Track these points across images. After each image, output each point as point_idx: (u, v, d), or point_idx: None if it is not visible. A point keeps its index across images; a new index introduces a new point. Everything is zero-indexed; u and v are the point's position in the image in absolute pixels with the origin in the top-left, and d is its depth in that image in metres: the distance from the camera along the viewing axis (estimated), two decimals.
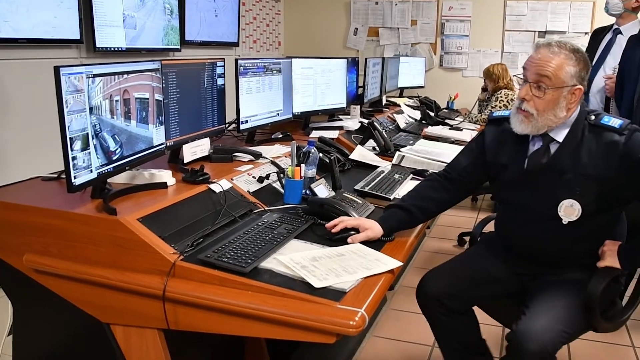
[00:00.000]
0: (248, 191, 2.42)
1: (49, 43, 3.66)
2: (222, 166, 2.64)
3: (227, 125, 3.10)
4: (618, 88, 3.35)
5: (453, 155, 2.52)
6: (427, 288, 2.28)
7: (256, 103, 3.18)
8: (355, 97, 4.83)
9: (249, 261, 1.80)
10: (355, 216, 2.23)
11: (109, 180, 2.11)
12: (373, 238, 2.12)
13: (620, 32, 4.13)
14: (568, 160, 2.08)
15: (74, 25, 3.79)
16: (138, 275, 1.83)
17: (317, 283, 1.70)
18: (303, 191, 2.48)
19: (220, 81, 2.86)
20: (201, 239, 1.96)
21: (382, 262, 1.91)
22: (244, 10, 6.40)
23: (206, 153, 2.72)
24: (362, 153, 3.38)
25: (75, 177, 1.81)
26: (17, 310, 2.20)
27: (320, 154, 2.78)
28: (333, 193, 2.58)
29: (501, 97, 5.51)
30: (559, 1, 6.52)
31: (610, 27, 4.27)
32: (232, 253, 1.84)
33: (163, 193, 2.18)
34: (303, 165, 2.53)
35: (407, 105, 5.60)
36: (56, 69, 1.70)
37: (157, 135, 2.30)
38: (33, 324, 2.18)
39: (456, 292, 2.25)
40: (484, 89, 5.93)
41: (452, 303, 2.24)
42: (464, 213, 5.67)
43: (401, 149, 3.62)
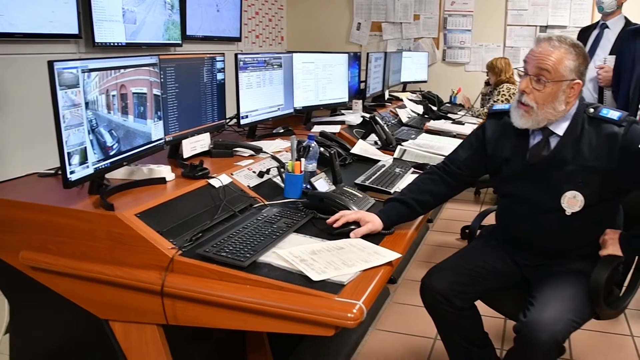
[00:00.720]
0: (248, 186, 2.41)
1: (47, 38, 3.64)
2: (223, 161, 2.63)
3: (228, 120, 3.09)
4: (614, 80, 3.41)
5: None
6: (432, 284, 2.26)
7: (256, 98, 3.16)
8: (357, 92, 4.82)
9: (248, 255, 1.80)
10: (355, 210, 2.22)
11: (107, 176, 2.10)
12: (374, 231, 2.13)
13: (607, 27, 4.35)
14: (569, 152, 2.11)
15: (72, 19, 3.76)
16: (136, 270, 1.82)
17: (316, 276, 1.69)
18: (303, 185, 2.48)
19: (220, 76, 2.85)
20: (200, 234, 1.95)
21: (381, 255, 1.90)
22: (246, 5, 6.37)
23: (206, 148, 2.71)
24: (364, 147, 3.37)
25: (71, 173, 1.80)
26: (14, 308, 2.19)
27: (321, 148, 2.77)
28: (333, 187, 2.57)
29: (503, 92, 5.48)
30: None
31: (596, 24, 4.50)
32: (231, 247, 1.84)
33: (162, 188, 2.17)
34: (303, 159, 2.52)
35: (410, 99, 5.58)
36: (50, 64, 1.69)
37: (156, 130, 2.29)
38: (30, 322, 2.17)
39: (461, 288, 2.25)
40: (487, 83, 5.91)
41: (457, 299, 2.23)
42: (467, 207, 5.65)
43: (403, 143, 3.60)
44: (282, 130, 3.42)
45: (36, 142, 3.48)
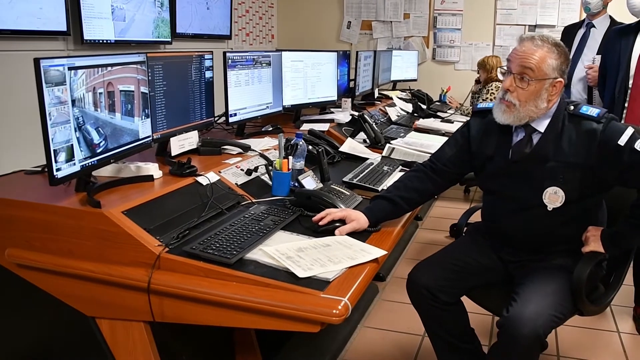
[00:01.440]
0: (236, 184, 2.42)
1: (35, 35, 3.63)
2: (211, 159, 2.64)
3: (216, 118, 3.10)
4: (600, 80, 3.44)
5: None
6: (417, 280, 2.28)
7: (245, 96, 3.17)
8: (346, 90, 4.83)
9: (234, 252, 1.80)
10: (342, 207, 2.23)
11: (95, 173, 2.10)
12: (359, 229, 2.14)
13: (593, 26, 4.40)
14: (550, 149, 2.14)
15: (61, 16, 3.75)
16: (123, 268, 1.82)
17: (302, 273, 1.70)
18: (291, 183, 2.48)
19: (208, 74, 2.85)
20: (187, 231, 1.95)
21: (367, 252, 1.91)
22: (237, 3, 6.36)
23: (194, 146, 2.72)
24: (352, 145, 3.38)
25: (57, 170, 1.80)
26: (0, 306, 2.18)
27: (309, 147, 2.77)
28: (321, 185, 2.58)
29: (492, 90, 5.50)
30: None
31: (582, 23, 4.55)
32: (218, 245, 1.84)
33: (149, 186, 2.18)
34: (291, 157, 2.52)
35: (400, 98, 5.60)
36: (36, 61, 1.69)
37: (143, 128, 2.29)
38: (16, 320, 2.16)
39: (446, 283, 2.26)
40: (478, 81, 5.93)
41: (443, 294, 2.25)
42: (456, 204, 5.67)
43: (391, 142, 3.61)
44: (271, 128, 3.43)
45: (23, 139, 3.46)
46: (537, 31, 6.48)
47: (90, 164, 1.97)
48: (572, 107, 2.16)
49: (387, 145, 3.49)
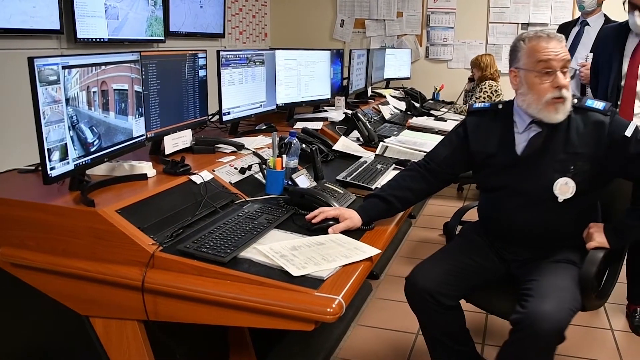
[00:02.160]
0: (230, 182, 2.42)
1: (28, 33, 3.62)
2: (204, 157, 2.64)
3: (210, 116, 3.10)
4: (593, 78, 3.45)
5: None
6: (418, 282, 2.23)
7: (239, 94, 3.17)
8: (340, 89, 4.84)
9: (228, 251, 1.80)
10: (335, 206, 2.24)
11: (88, 172, 2.10)
12: (353, 227, 2.15)
13: (587, 24, 4.43)
14: (560, 140, 2.18)
15: (54, 15, 3.74)
16: (117, 266, 1.82)
17: (296, 272, 1.71)
18: (285, 182, 2.48)
19: (202, 73, 2.85)
20: (181, 230, 1.96)
21: (361, 250, 1.92)
22: (230, 1, 6.36)
23: (188, 144, 2.71)
24: (346, 144, 3.39)
25: (51, 169, 1.80)
26: None
27: (302, 145, 2.78)
28: (314, 183, 2.59)
29: (485, 88, 5.51)
30: None
31: (576, 21, 4.58)
32: (212, 243, 1.84)
33: (143, 184, 2.18)
34: (284, 156, 2.53)
35: (393, 96, 5.60)
36: (30, 60, 1.69)
37: (137, 126, 2.29)
38: (10, 319, 2.15)
39: (448, 286, 2.23)
40: (471, 80, 5.94)
41: (444, 297, 2.21)
42: (450, 203, 5.68)
43: (385, 140, 3.62)
44: (265, 126, 3.43)
45: (16, 138, 3.46)
46: (530, 29, 6.49)
47: (84, 163, 1.97)
48: (576, 100, 2.20)
49: (381, 143, 3.50)
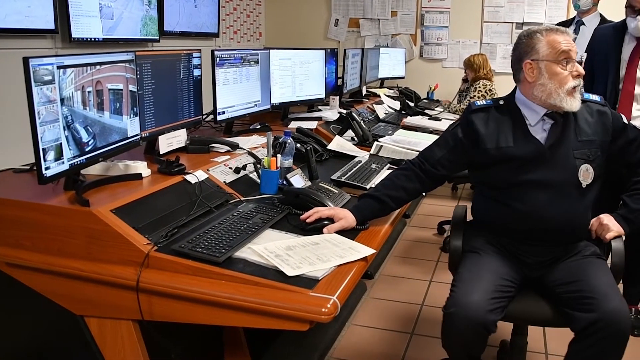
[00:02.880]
0: (224, 182, 2.42)
1: (22, 33, 3.62)
2: (199, 157, 2.64)
3: (204, 116, 3.10)
4: (588, 79, 3.44)
5: None
6: (470, 316, 2.02)
7: (233, 94, 3.17)
8: (334, 88, 4.85)
9: (223, 251, 1.81)
10: (330, 206, 2.24)
11: (83, 171, 2.10)
12: (347, 227, 2.15)
13: (583, 24, 4.46)
14: (572, 129, 2.27)
15: (49, 14, 3.74)
16: (112, 266, 1.82)
17: (291, 272, 1.71)
18: (279, 181, 2.49)
19: (196, 72, 2.85)
20: (176, 230, 1.96)
21: (356, 250, 1.92)
22: (224, 0, 6.36)
23: (183, 144, 2.72)
24: (340, 143, 3.39)
25: (46, 169, 1.80)
26: None
27: (297, 145, 2.78)
28: (309, 183, 2.59)
29: (479, 88, 5.52)
30: None
31: (572, 20, 4.60)
32: (206, 243, 1.85)
33: (138, 184, 2.18)
34: (279, 155, 2.53)
35: (387, 95, 5.61)
36: (25, 60, 1.69)
37: (132, 126, 2.29)
38: (4, 319, 2.15)
39: (494, 312, 2.08)
40: (465, 80, 5.95)
41: (494, 325, 2.06)
42: (444, 202, 5.70)
43: (379, 139, 3.63)
44: (259, 126, 3.43)
45: (11, 138, 3.45)
46: (524, 29, 6.50)
47: (79, 163, 1.97)
48: None
49: (375, 143, 3.51)
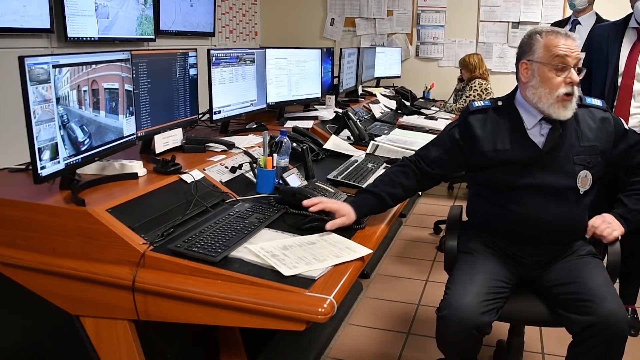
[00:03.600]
0: (220, 181, 2.42)
1: (18, 32, 3.61)
2: (195, 156, 2.63)
3: (200, 115, 3.09)
4: (585, 77, 3.43)
5: None
6: (463, 318, 2.03)
7: (229, 93, 3.17)
8: (330, 87, 4.84)
9: (219, 250, 1.80)
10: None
11: (79, 171, 2.10)
12: (347, 225, 2.14)
13: (579, 23, 4.43)
14: (574, 135, 2.25)
15: (44, 14, 3.73)
16: (107, 266, 1.82)
17: (287, 271, 1.71)
18: (275, 181, 2.49)
19: (192, 71, 2.85)
20: (171, 229, 1.95)
21: (353, 250, 1.92)
22: (220, 0, 6.36)
23: (178, 143, 2.71)
24: (336, 143, 3.39)
25: (41, 168, 1.80)
26: None
27: (293, 144, 2.78)
28: (305, 182, 2.59)
29: (475, 87, 5.52)
30: None
31: (567, 20, 4.58)
32: (203, 243, 1.84)
33: (133, 184, 2.17)
34: (275, 155, 2.53)
35: (383, 95, 5.61)
36: (20, 59, 1.68)
37: (128, 125, 2.28)
38: (0, 318, 2.15)
39: (489, 314, 2.08)
40: (460, 79, 5.96)
41: (489, 327, 2.07)
42: (440, 201, 5.70)
43: (375, 139, 3.63)
44: (255, 125, 3.43)
45: (6, 137, 3.44)
46: (521, 28, 6.53)
47: (74, 162, 1.96)
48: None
49: (371, 142, 3.51)
